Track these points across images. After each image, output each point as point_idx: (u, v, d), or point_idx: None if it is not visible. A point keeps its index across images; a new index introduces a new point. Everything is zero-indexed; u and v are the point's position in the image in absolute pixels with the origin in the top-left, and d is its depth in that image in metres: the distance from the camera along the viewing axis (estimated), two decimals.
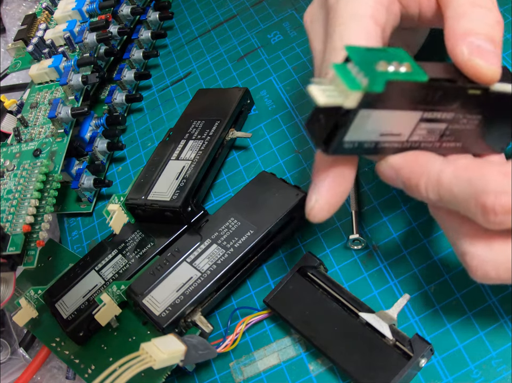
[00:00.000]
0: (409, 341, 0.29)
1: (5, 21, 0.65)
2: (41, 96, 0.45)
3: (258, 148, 0.42)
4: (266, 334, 0.34)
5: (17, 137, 0.43)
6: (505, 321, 0.30)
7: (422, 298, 0.32)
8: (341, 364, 0.30)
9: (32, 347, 0.43)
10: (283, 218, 0.35)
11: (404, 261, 0.33)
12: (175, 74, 0.50)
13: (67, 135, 0.42)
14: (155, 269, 0.35)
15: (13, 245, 0.36)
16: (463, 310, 0.31)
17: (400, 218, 0.35)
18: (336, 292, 0.32)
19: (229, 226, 0.35)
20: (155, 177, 0.39)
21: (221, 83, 0.47)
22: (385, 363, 0.29)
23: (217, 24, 0.52)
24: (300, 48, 0.46)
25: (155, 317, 0.33)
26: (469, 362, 0.29)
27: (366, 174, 0.37)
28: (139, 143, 0.47)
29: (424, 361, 0.29)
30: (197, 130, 0.41)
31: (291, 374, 0.32)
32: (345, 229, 0.36)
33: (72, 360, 0.36)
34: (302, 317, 0.32)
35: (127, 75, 0.49)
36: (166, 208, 0.37)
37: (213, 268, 0.34)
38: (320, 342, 0.31)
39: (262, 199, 0.36)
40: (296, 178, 0.39)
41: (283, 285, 0.34)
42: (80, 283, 0.38)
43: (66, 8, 0.48)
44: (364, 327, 0.30)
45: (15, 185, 0.38)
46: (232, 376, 0.34)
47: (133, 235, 0.39)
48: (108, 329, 0.36)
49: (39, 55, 0.47)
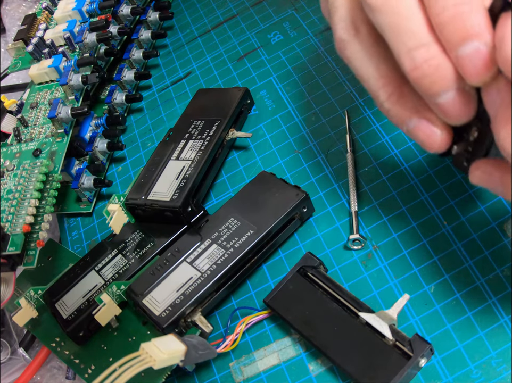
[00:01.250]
0: (409, 341, 0.29)
1: (5, 21, 0.65)
2: (41, 96, 0.45)
3: (258, 148, 0.42)
4: (266, 334, 0.34)
5: (17, 137, 0.43)
6: (505, 320, 0.30)
7: (422, 298, 0.32)
8: (341, 364, 0.30)
9: (32, 347, 0.43)
10: (284, 218, 0.35)
11: (404, 261, 0.33)
12: (175, 74, 0.50)
13: (67, 135, 0.42)
14: (155, 269, 0.35)
15: (12, 245, 0.36)
16: (463, 310, 0.31)
17: (400, 218, 0.35)
18: (336, 292, 0.32)
19: (229, 226, 0.35)
20: (155, 177, 0.39)
21: (221, 83, 0.47)
22: (384, 362, 0.29)
23: (217, 24, 0.52)
24: (300, 48, 0.46)
25: (155, 317, 0.33)
26: (469, 362, 0.29)
27: (367, 174, 0.37)
28: (139, 143, 0.47)
29: (424, 361, 0.29)
30: (197, 130, 0.41)
31: (291, 374, 0.32)
32: (345, 229, 0.36)
33: (72, 360, 0.37)
34: (302, 317, 0.32)
35: (127, 75, 0.49)
36: (166, 208, 0.37)
37: (213, 268, 0.34)
38: (320, 342, 0.31)
39: (262, 199, 0.36)
40: (296, 179, 0.39)
41: (283, 285, 0.34)
42: (80, 283, 0.38)
43: (66, 8, 0.48)
44: (364, 327, 0.30)
45: (15, 185, 0.38)
46: (232, 376, 0.34)
47: (133, 235, 0.39)
48: (108, 329, 0.36)
49: (39, 55, 0.47)
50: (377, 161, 0.38)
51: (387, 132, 0.38)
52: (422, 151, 0.37)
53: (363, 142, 0.39)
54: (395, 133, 0.38)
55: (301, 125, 0.42)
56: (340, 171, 0.38)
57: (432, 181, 0.35)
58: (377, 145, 0.38)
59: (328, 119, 0.41)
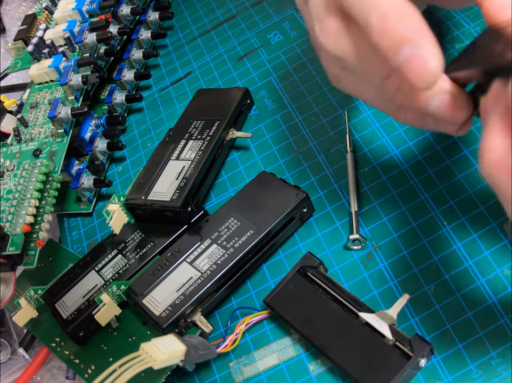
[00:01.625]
0: (409, 341, 0.29)
1: (5, 21, 0.65)
2: (41, 96, 0.45)
3: (258, 148, 0.42)
4: (266, 334, 0.34)
5: (17, 137, 0.43)
6: (505, 320, 0.30)
7: (422, 298, 0.32)
8: (341, 364, 0.30)
9: (32, 347, 0.43)
10: (284, 218, 0.35)
11: (404, 261, 0.33)
12: (175, 74, 0.50)
13: (67, 135, 0.42)
14: (155, 269, 0.35)
15: (12, 245, 0.36)
16: (463, 310, 0.31)
17: (400, 218, 0.35)
18: (336, 292, 0.32)
19: (229, 226, 0.35)
20: (155, 178, 0.39)
21: (221, 83, 0.47)
22: (384, 363, 0.29)
23: (217, 24, 0.52)
24: (300, 48, 0.46)
25: (155, 317, 0.33)
26: (469, 362, 0.29)
27: (366, 174, 0.37)
28: (139, 143, 0.47)
29: (424, 361, 0.29)
30: (197, 130, 0.41)
31: (291, 374, 0.32)
32: (344, 229, 0.36)
33: (72, 360, 0.36)
34: (302, 317, 0.32)
35: (127, 75, 0.49)
36: (166, 208, 0.37)
37: (213, 268, 0.34)
38: (320, 342, 0.31)
39: (262, 199, 0.36)
40: (296, 179, 0.39)
41: (283, 285, 0.34)
42: (80, 283, 0.38)
43: (66, 8, 0.48)
44: (364, 327, 0.30)
45: (15, 185, 0.38)
46: (232, 376, 0.34)
47: (133, 236, 0.39)
48: (108, 329, 0.36)
49: (39, 55, 0.47)
50: (377, 161, 0.38)
51: (387, 132, 0.38)
52: (422, 151, 0.37)
53: (363, 142, 0.39)
54: (395, 133, 0.38)
55: (301, 125, 0.42)
56: (340, 171, 0.38)
57: (433, 181, 0.35)
58: (377, 145, 0.38)
59: (328, 119, 0.41)
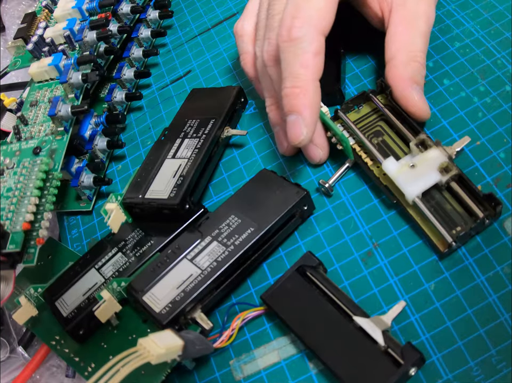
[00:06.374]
0: (401, 349, 0.29)
1: (5, 19, 0.65)
2: (41, 94, 0.45)
3: (259, 146, 0.42)
4: (266, 332, 0.34)
5: (17, 135, 0.43)
6: (505, 318, 0.30)
7: (422, 296, 0.32)
8: (331, 366, 0.30)
9: (31, 345, 0.43)
10: (284, 216, 0.35)
11: (404, 259, 0.33)
12: (175, 73, 0.50)
13: (67, 133, 0.42)
14: (155, 266, 0.35)
15: (12, 243, 0.36)
16: (463, 307, 0.31)
17: (400, 216, 0.35)
18: (333, 293, 0.32)
19: (229, 224, 0.35)
20: (151, 176, 0.39)
21: (221, 81, 0.47)
22: (374, 369, 0.29)
23: (217, 22, 0.52)
24: None
25: (155, 314, 0.33)
26: (469, 359, 0.29)
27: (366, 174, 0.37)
28: (139, 142, 0.47)
29: (415, 370, 0.29)
30: (192, 129, 0.41)
31: (292, 372, 0.32)
32: (345, 227, 0.36)
33: (71, 358, 0.36)
34: (297, 316, 0.32)
35: (127, 74, 0.49)
36: (164, 206, 0.37)
37: (213, 265, 0.34)
38: (312, 343, 0.31)
39: (262, 197, 0.36)
40: (296, 177, 0.39)
41: (281, 283, 0.33)
42: (80, 281, 0.38)
43: (66, 6, 0.48)
44: (357, 331, 0.30)
45: (15, 183, 0.38)
46: (232, 374, 0.34)
47: (133, 234, 0.39)
48: (108, 327, 0.36)
49: (38, 53, 0.47)
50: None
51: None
52: None
53: None
54: None
55: None
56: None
57: None
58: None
59: None
